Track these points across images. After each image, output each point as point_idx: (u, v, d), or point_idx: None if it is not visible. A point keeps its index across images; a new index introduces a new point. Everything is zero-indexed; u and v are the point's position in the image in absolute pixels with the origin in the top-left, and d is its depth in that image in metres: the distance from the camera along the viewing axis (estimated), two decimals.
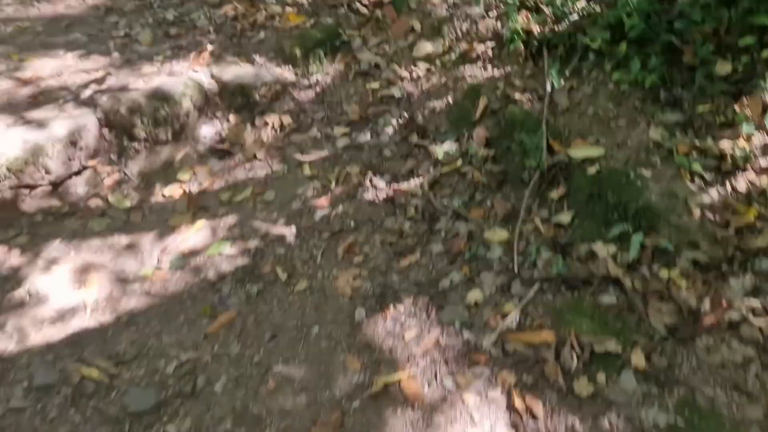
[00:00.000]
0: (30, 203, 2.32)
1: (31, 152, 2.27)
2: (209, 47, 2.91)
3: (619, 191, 2.03)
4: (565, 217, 2.11)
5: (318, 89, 2.82)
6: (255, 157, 2.57)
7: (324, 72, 2.89)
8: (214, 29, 3.12)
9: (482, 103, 2.51)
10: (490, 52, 2.71)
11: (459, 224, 2.19)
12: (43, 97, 2.61)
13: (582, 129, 2.29)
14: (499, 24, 2.77)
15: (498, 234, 2.11)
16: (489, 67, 2.68)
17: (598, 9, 2.55)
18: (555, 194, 2.17)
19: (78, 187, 2.41)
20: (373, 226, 2.23)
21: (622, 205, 2.00)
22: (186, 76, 2.70)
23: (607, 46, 2.41)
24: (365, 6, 3.10)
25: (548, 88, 2.44)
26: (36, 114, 2.46)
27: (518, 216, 2.15)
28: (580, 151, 2.19)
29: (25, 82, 2.77)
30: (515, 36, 2.62)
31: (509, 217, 2.18)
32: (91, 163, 2.44)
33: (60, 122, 2.39)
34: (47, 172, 2.32)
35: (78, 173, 2.42)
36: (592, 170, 2.11)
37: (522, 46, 2.62)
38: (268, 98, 2.77)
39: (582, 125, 2.30)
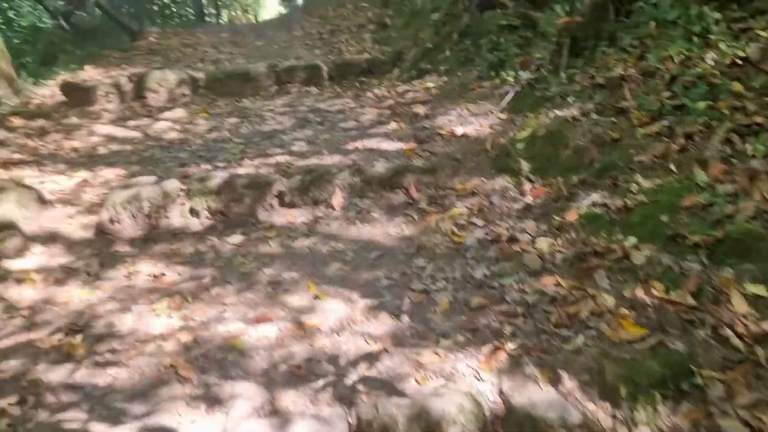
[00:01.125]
0: None
1: None
2: (508, 346, 2.29)
3: None
4: None
5: None
6: None
7: (656, 427, 2.00)
8: (523, 311, 2.51)
9: None
10: None
11: None
12: (305, 369, 2.29)
13: None
14: None
15: None
16: None
17: None
18: None
19: None
20: None
21: None
22: (466, 387, 2.11)
23: None
24: (739, 337, 2.15)
25: None
26: (285, 400, 2.12)
27: None
28: None
29: (302, 334, 2.52)
30: None
31: None
32: None
33: (304, 423, 1.99)
34: None
35: None
36: None
37: None
38: None
39: None
